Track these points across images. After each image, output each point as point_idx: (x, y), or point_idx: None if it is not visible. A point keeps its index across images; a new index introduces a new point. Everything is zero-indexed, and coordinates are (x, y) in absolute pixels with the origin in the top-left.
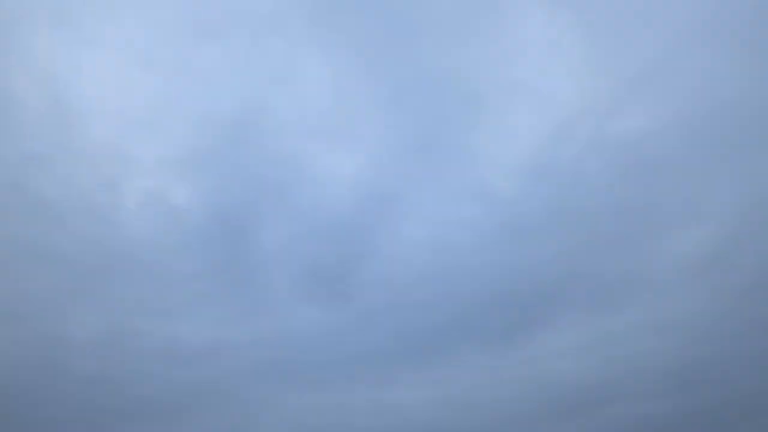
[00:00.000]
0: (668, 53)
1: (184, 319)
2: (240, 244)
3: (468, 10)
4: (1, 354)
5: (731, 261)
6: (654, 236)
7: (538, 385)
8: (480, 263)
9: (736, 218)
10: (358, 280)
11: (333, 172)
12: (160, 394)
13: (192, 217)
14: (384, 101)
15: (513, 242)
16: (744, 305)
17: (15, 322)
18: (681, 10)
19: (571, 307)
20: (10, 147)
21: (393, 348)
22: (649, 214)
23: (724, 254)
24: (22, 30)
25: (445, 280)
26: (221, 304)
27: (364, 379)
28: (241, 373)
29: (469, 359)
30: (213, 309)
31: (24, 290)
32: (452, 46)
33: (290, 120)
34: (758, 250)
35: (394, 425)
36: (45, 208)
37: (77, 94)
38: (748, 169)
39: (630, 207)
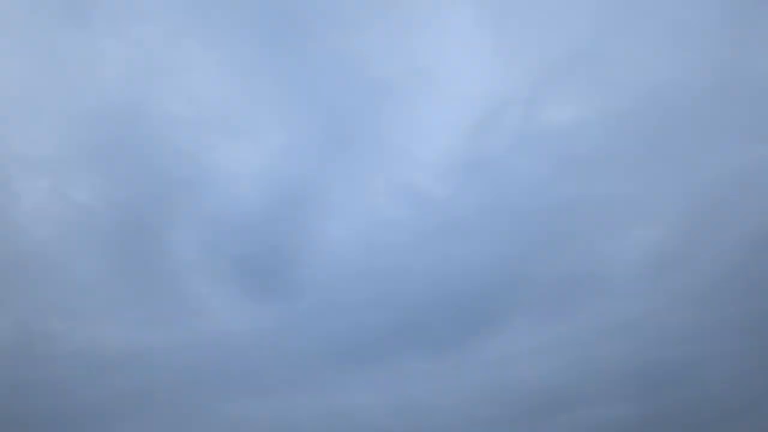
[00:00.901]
0: (592, 38)
1: (101, 323)
2: (151, 243)
3: None
4: None
5: (684, 262)
6: (601, 236)
7: (493, 390)
8: (419, 265)
9: (686, 216)
10: (288, 280)
11: (240, 166)
12: (78, 401)
13: (97, 216)
14: (285, 94)
15: (450, 243)
16: (701, 307)
17: None
18: None
19: (522, 310)
20: None
21: (334, 351)
22: (593, 213)
23: (675, 255)
24: None
25: (382, 282)
26: (141, 305)
27: (306, 384)
28: (170, 379)
29: (416, 364)
30: (132, 311)
31: None
32: (361, 34)
33: (183, 113)
34: (711, 249)
35: None
36: None
37: None
38: (692, 162)
39: (571, 206)
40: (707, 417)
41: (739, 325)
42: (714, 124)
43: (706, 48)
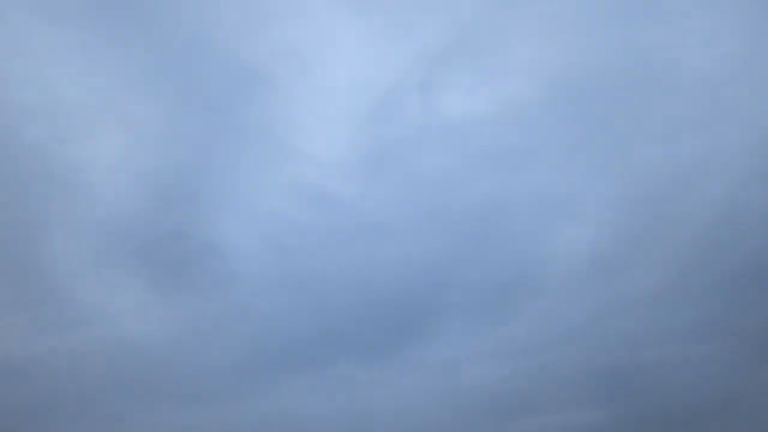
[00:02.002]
0: (495, 19)
1: None
2: (27, 247)
3: None
4: None
5: (626, 263)
6: (531, 236)
7: (437, 396)
8: (338, 268)
9: (620, 214)
10: (194, 284)
11: (113, 160)
12: None
13: None
14: (150, 83)
15: (368, 245)
16: (653, 311)
17: None
18: None
19: (456, 313)
20: None
21: (258, 358)
22: (519, 212)
23: (614, 256)
24: None
25: (300, 287)
26: (26, 312)
27: (230, 392)
28: (86, 387)
29: (350, 371)
30: (18, 317)
31: None
32: (224, 14)
33: (37, 104)
34: (655, 250)
35: None
36: None
37: None
38: (620, 156)
39: (494, 204)
40: (667, 423)
41: (696, 328)
42: (641, 114)
43: (629, 32)
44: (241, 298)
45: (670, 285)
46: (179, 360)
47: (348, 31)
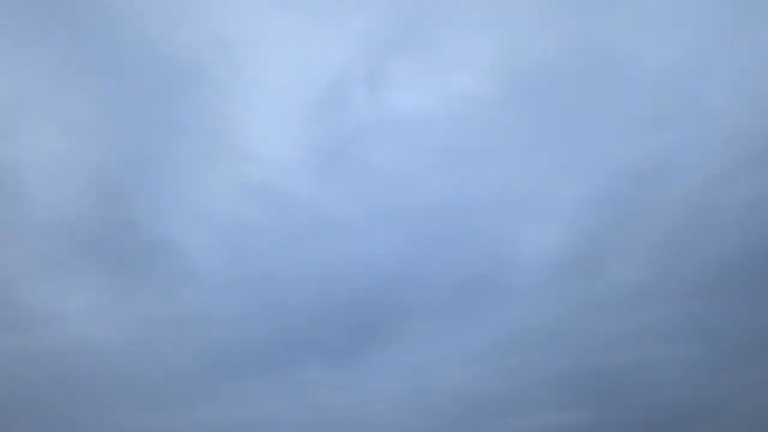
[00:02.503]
0: (434, 7)
1: None
2: None
3: None
4: None
5: (593, 264)
6: (494, 236)
7: (408, 400)
8: (296, 271)
9: (585, 214)
10: (147, 287)
11: (49, 157)
12: None
13: None
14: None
15: (328, 246)
16: (624, 312)
17: None
18: None
19: (423, 316)
20: None
21: (218, 363)
22: (483, 212)
23: (581, 256)
24: None
25: (258, 290)
26: None
27: (192, 397)
28: (37, 390)
29: (315, 375)
30: None
31: None
32: (173, 17)
33: None
34: (623, 250)
35: None
36: None
37: None
38: (587, 153)
39: (456, 203)
40: (645, 425)
41: (673, 328)
42: (603, 110)
43: (585, 24)
44: (195, 300)
45: (644, 285)
46: (134, 363)
47: (286, 21)
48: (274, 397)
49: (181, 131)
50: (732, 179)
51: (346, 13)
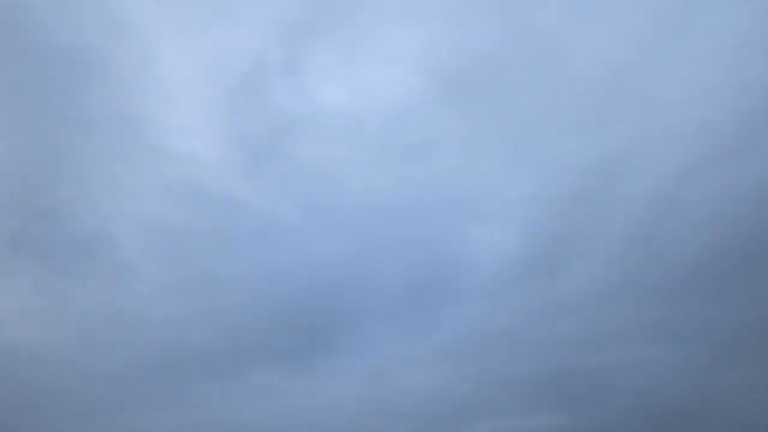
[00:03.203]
0: None
1: None
2: None
3: None
4: None
5: (551, 267)
6: (444, 237)
7: (366, 404)
8: (238, 274)
9: (538, 217)
10: (80, 290)
11: None
12: None
13: None
14: None
15: (271, 249)
16: (591, 312)
17: None
18: None
19: (381, 317)
20: None
21: (161, 369)
22: (427, 212)
23: (537, 259)
24: None
25: (199, 295)
26: None
27: (134, 403)
28: None
29: (264, 377)
30: None
31: None
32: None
33: None
34: (581, 254)
35: None
36: None
37: None
38: (534, 150)
39: (399, 202)
40: (618, 427)
41: (643, 329)
42: (547, 106)
43: (520, 13)
44: (132, 305)
45: (611, 286)
46: (71, 367)
47: (194, 6)
48: (222, 403)
49: (87, 126)
50: (695, 174)
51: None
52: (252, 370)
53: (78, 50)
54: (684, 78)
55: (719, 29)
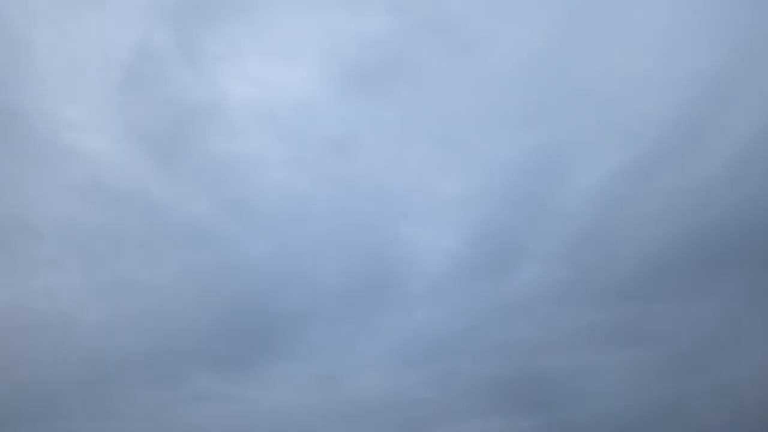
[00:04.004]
0: None
1: None
2: None
3: None
4: None
5: (492, 270)
6: (380, 239)
7: (314, 410)
8: (164, 280)
9: (471, 215)
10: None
11: None
12: None
13: None
14: None
15: (189, 251)
16: (544, 315)
17: None
18: None
19: (322, 322)
20: None
21: (86, 373)
22: (360, 212)
23: (477, 262)
24: None
25: (123, 300)
26: None
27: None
28: None
29: (204, 384)
30: None
31: None
32: None
33: None
34: (534, 251)
35: None
36: None
37: None
38: (469, 146)
39: (328, 202)
40: None
41: (598, 333)
42: (469, 100)
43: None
44: (57, 309)
45: (563, 287)
46: None
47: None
48: (160, 410)
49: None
50: (639, 169)
51: None
52: (190, 377)
53: None
54: (614, 68)
55: (643, 16)
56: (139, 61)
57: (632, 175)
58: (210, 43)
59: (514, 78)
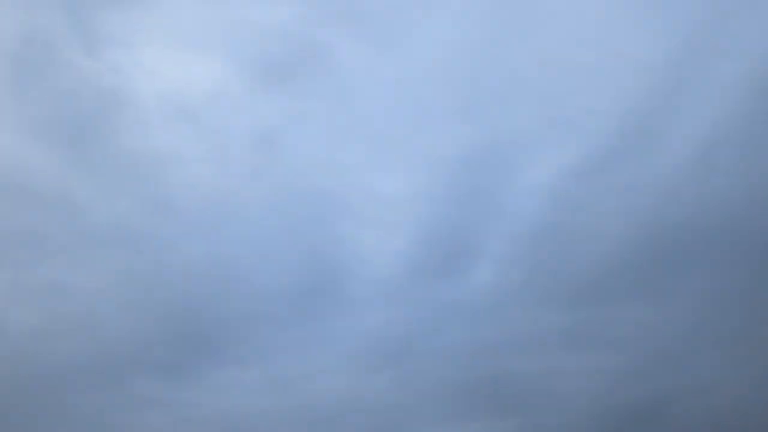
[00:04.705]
0: None
1: None
2: None
3: None
4: None
5: (447, 267)
6: (319, 241)
7: (268, 416)
8: (88, 281)
9: (415, 214)
10: None
11: None
12: None
13: None
14: None
15: (122, 252)
16: (494, 318)
17: None
18: None
19: (269, 326)
20: None
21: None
22: (294, 211)
23: (431, 259)
24: None
25: (52, 303)
26: None
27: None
28: None
29: (139, 392)
30: None
31: None
32: None
33: None
34: (485, 250)
35: None
36: None
37: None
38: (393, 137)
39: (260, 200)
40: None
41: (565, 336)
42: (397, 99)
43: None
44: None
45: (519, 286)
46: None
47: None
48: (100, 416)
49: None
50: (595, 165)
51: None
52: (132, 382)
53: None
54: (552, 59)
55: (580, 3)
56: (28, 50)
57: (583, 171)
58: (109, 28)
59: (444, 70)
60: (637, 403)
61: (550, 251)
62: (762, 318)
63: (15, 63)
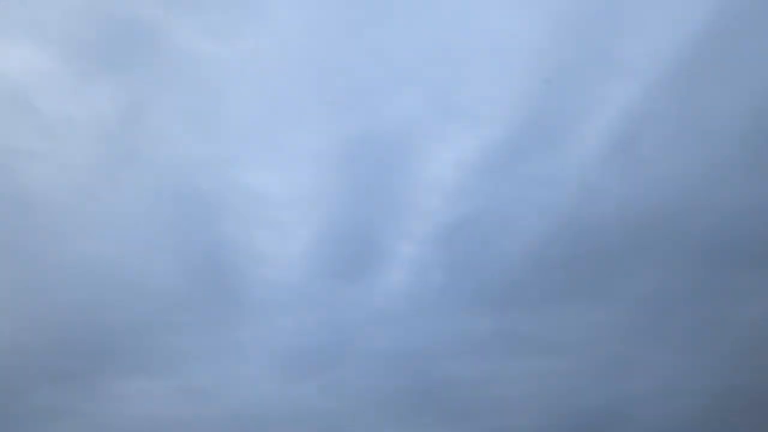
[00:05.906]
0: None
1: None
2: None
3: None
4: None
5: (354, 270)
6: (208, 244)
7: (182, 427)
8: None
9: (303, 215)
10: None
11: None
12: None
13: None
14: None
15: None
16: (416, 323)
17: None
18: None
19: (177, 333)
20: None
21: None
22: (174, 215)
23: (335, 262)
24: None
25: None
26: None
27: None
28: None
29: (37, 403)
30: None
31: None
32: None
33: None
34: (385, 251)
35: None
36: None
37: None
38: (266, 131)
39: (128, 204)
40: None
41: (494, 342)
42: (277, 99)
43: None
44: None
45: (438, 292)
46: None
47: None
48: None
49: None
50: (499, 158)
51: None
52: (30, 393)
53: None
54: (438, 46)
55: None
56: None
57: (486, 164)
58: None
59: (304, 59)
60: (585, 407)
61: (466, 251)
62: (704, 318)
63: None
